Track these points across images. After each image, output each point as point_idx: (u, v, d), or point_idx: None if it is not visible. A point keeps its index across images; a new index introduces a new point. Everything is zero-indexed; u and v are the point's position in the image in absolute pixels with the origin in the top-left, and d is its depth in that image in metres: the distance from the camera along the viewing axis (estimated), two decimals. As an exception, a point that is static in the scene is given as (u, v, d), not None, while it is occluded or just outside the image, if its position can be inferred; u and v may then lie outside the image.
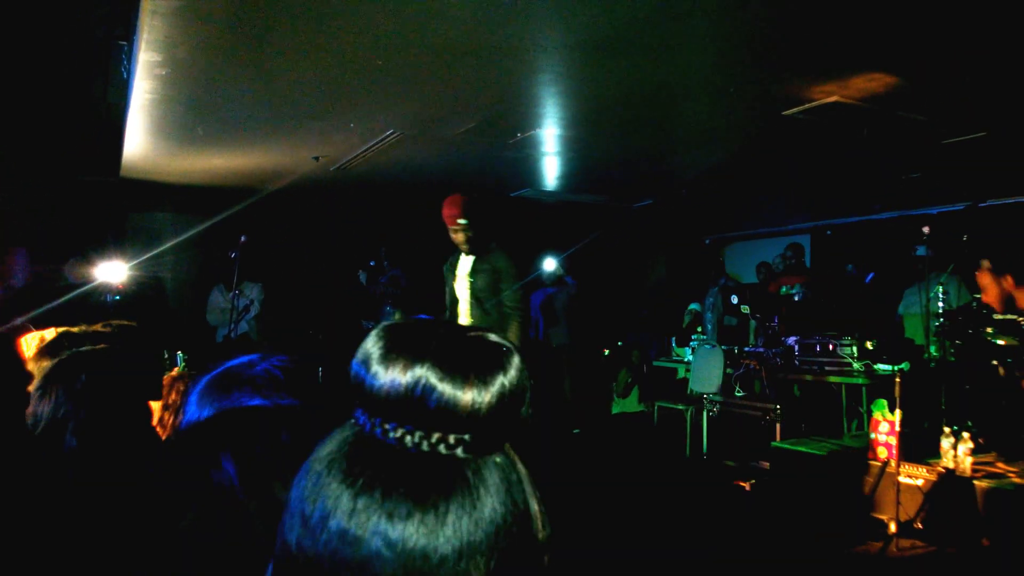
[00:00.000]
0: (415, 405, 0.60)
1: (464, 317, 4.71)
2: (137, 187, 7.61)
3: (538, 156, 6.46)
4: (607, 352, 9.03)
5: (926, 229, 6.05)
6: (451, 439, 0.61)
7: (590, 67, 4.38)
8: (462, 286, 4.75)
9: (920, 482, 4.60)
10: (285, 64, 4.19)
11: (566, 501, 4.50)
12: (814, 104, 5.05)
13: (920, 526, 4.44)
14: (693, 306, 9.46)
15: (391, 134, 5.60)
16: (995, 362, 5.46)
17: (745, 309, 7.79)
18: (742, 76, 4.58)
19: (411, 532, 0.57)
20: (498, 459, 0.63)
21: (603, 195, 8.42)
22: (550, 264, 8.36)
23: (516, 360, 0.64)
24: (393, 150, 6.10)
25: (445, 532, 0.58)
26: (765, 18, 3.72)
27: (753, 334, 7.89)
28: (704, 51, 4.16)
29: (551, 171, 7.17)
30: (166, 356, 4.43)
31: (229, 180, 7.47)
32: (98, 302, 5.92)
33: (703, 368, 7.30)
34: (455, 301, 4.82)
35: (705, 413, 6.86)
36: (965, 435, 4.69)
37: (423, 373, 0.60)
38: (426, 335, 0.63)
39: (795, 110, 5.18)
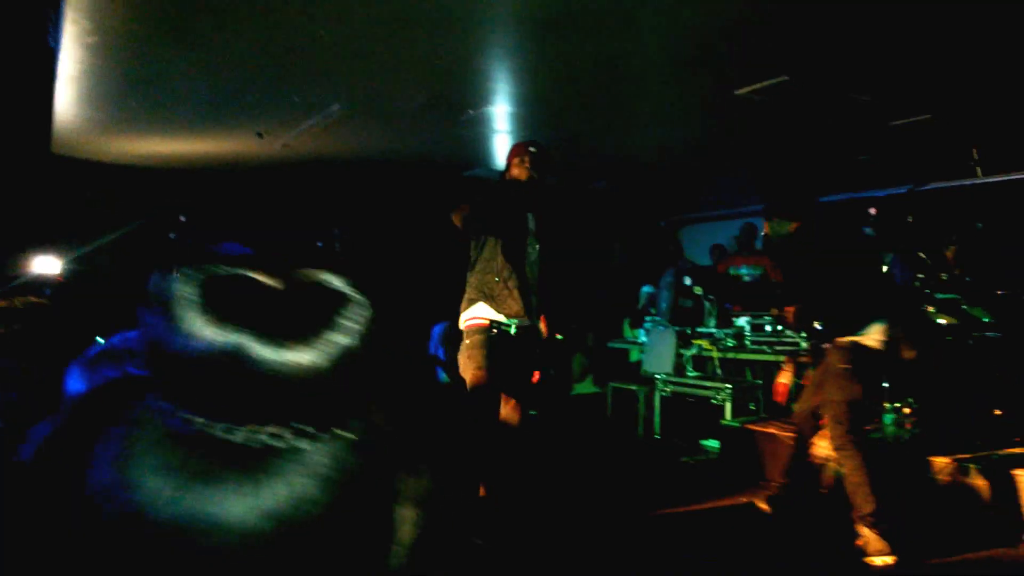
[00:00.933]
0: (223, 375, 0.50)
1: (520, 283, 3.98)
2: (72, 167, 7.38)
3: (490, 134, 6.41)
4: (560, 336, 9.03)
5: (872, 211, 6.16)
6: (270, 427, 0.51)
7: (542, 42, 4.35)
8: (523, 244, 4.02)
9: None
10: (225, 34, 4.08)
11: (519, 481, 4.49)
12: (765, 84, 5.08)
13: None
14: (646, 288, 9.50)
15: (336, 108, 5.50)
16: (935, 340, 5.58)
17: (698, 290, 7.85)
18: (695, 53, 4.58)
19: (215, 521, 0.50)
20: (342, 436, 0.54)
21: (557, 176, 8.39)
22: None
23: (363, 313, 0.53)
24: (340, 127, 5.99)
25: (251, 522, 0.50)
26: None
27: (706, 315, 7.95)
28: (656, 28, 4.15)
29: (504, 150, 7.12)
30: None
31: (170, 160, 7.29)
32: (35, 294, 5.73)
33: (656, 349, 7.35)
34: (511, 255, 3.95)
35: (658, 394, 6.91)
36: (905, 411, 4.79)
37: (235, 335, 0.49)
38: (244, 283, 0.53)
39: (747, 89, 5.21)
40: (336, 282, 0.55)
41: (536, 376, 4.08)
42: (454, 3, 3.70)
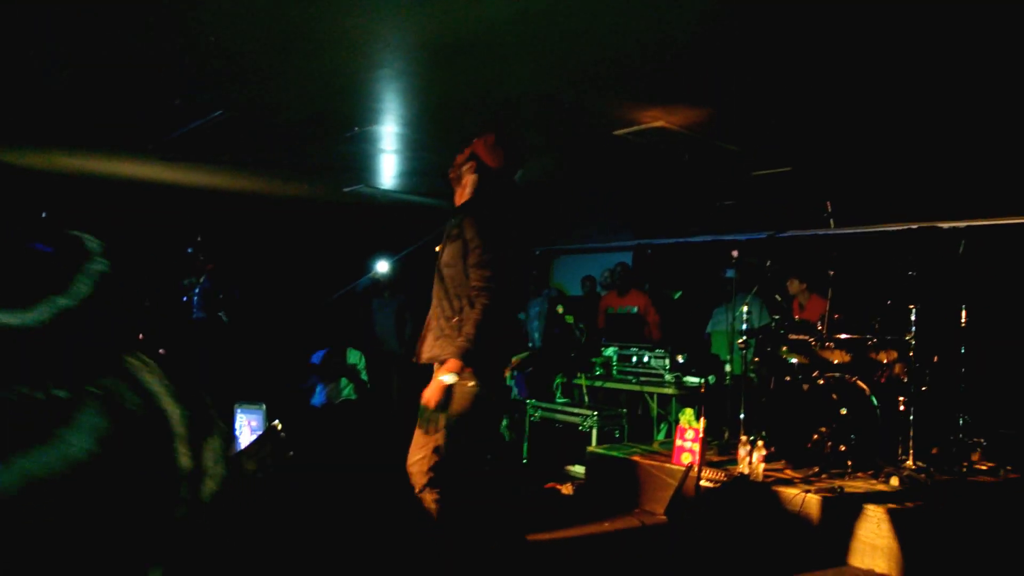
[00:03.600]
0: None
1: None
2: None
3: (375, 152, 6.33)
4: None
5: (735, 253, 6.49)
6: (23, 388, 0.50)
7: (432, 68, 4.34)
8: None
9: (718, 485, 4.88)
10: (112, 31, 3.83)
11: (376, 507, 4.39)
12: (643, 127, 5.29)
13: (717, 526, 4.69)
14: (519, 316, 9.62)
15: (218, 115, 5.27)
16: (788, 377, 5.94)
17: (569, 319, 8.01)
18: (580, 93, 4.71)
19: None
20: (100, 388, 0.53)
21: (438, 198, 8.39)
22: (383, 267, 8.18)
23: (93, 268, 0.53)
24: (221, 134, 5.75)
25: (13, 478, 0.49)
26: (602, 43, 3.85)
27: (576, 344, 8.11)
28: (544, 65, 4.24)
29: (387, 169, 7.05)
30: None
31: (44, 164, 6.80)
32: None
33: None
34: None
35: (527, 418, 6.96)
36: (759, 443, 5.04)
37: None
38: None
39: (625, 131, 5.39)
40: (91, 244, 0.55)
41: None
42: (348, 22, 3.64)
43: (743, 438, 5.22)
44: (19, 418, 0.49)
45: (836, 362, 5.87)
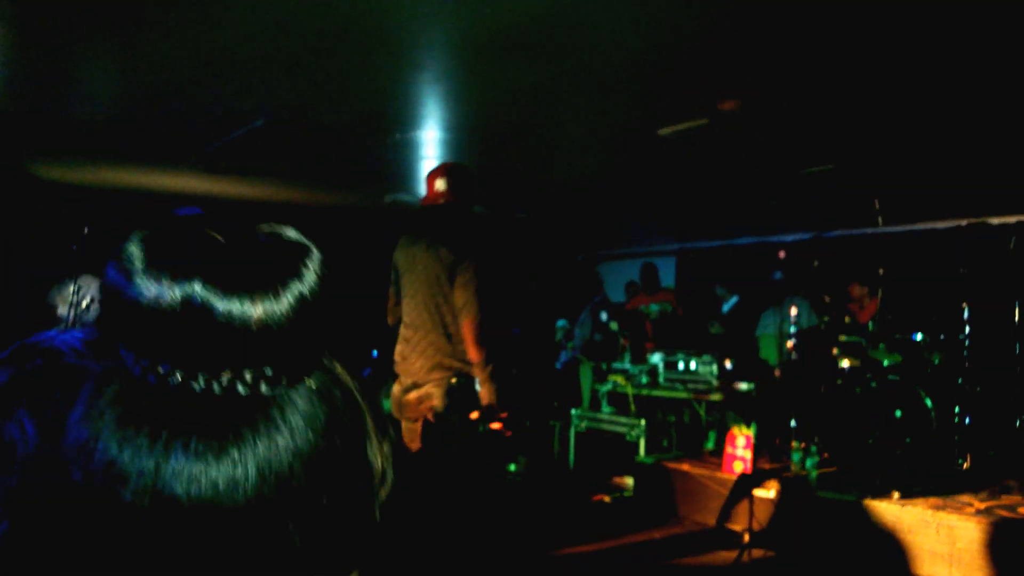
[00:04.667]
0: (192, 330, 0.48)
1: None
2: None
3: (417, 159, 6.37)
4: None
5: (782, 254, 6.41)
6: (247, 376, 0.49)
7: (474, 68, 4.36)
8: None
9: (772, 494, 4.81)
10: (152, 37, 3.91)
11: (424, 515, 4.40)
12: (687, 125, 5.25)
13: (771, 536, 4.62)
14: (561, 322, 9.59)
15: (258, 124, 5.35)
16: (840, 381, 5.83)
17: (614, 326, 7.97)
18: (623, 90, 4.68)
19: (207, 492, 0.48)
20: (314, 382, 0.53)
21: (481, 204, 8.42)
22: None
23: (315, 260, 0.53)
24: (262, 142, 5.85)
25: (249, 484, 0.49)
26: (649, 36, 3.83)
27: (621, 351, 8.07)
28: (588, 61, 4.22)
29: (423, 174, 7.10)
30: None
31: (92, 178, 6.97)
32: None
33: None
34: None
35: (573, 428, 6.93)
36: (812, 449, 4.96)
37: (196, 287, 0.48)
38: (200, 236, 0.52)
39: (670, 130, 5.36)
40: (290, 232, 0.54)
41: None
42: (388, 22, 3.66)
43: (795, 444, 5.15)
44: (240, 408, 0.50)
45: (888, 364, 5.76)
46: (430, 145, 5.94)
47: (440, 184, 3.59)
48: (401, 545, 4.02)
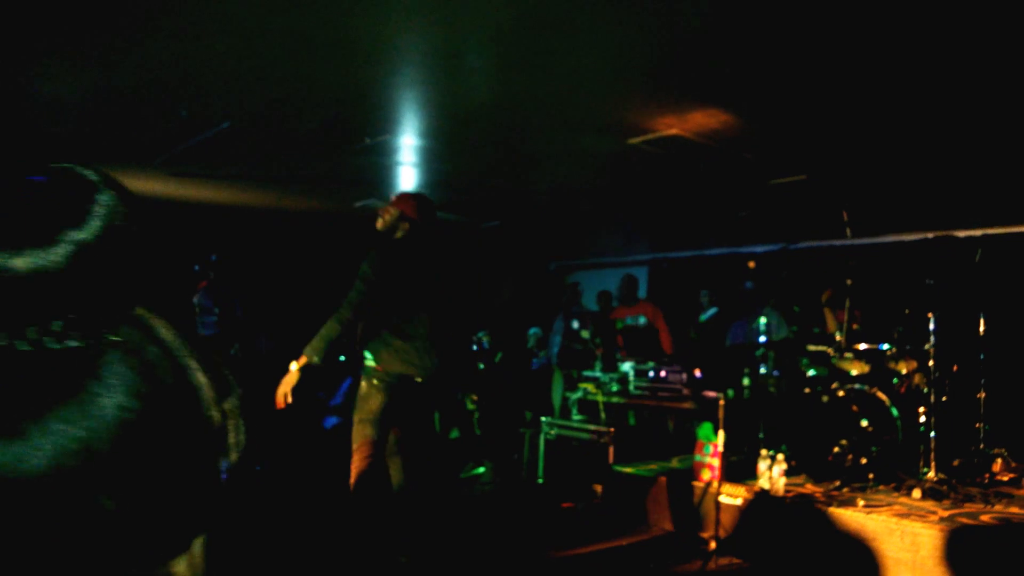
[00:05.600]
0: None
1: None
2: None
3: (390, 165, 6.34)
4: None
5: (751, 264, 6.46)
6: (30, 332, 0.44)
7: (447, 76, 4.35)
8: None
9: (739, 501, 4.82)
10: (119, 40, 3.86)
11: (393, 522, 4.35)
12: (657, 135, 5.27)
13: (737, 543, 4.63)
14: (533, 330, 9.59)
15: (225, 126, 5.30)
16: (807, 389, 5.87)
17: (585, 334, 7.98)
18: (593, 99, 4.70)
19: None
20: (119, 336, 0.47)
21: (453, 212, 8.40)
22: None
23: (104, 204, 0.48)
24: (229, 146, 5.78)
25: (44, 455, 0.43)
26: (621, 45, 3.84)
27: (593, 359, 8.07)
28: (559, 71, 4.23)
29: (403, 182, 7.06)
30: None
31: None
32: None
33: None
34: None
35: (543, 436, 6.91)
36: (780, 457, 4.98)
37: None
38: None
39: (640, 139, 5.38)
40: (87, 173, 0.49)
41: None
42: (361, 29, 3.65)
43: (763, 452, 5.16)
44: (41, 371, 0.45)
45: (855, 373, 5.80)
46: (401, 151, 5.92)
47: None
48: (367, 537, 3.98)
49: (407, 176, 6.80)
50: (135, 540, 0.46)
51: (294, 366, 3.91)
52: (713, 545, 4.51)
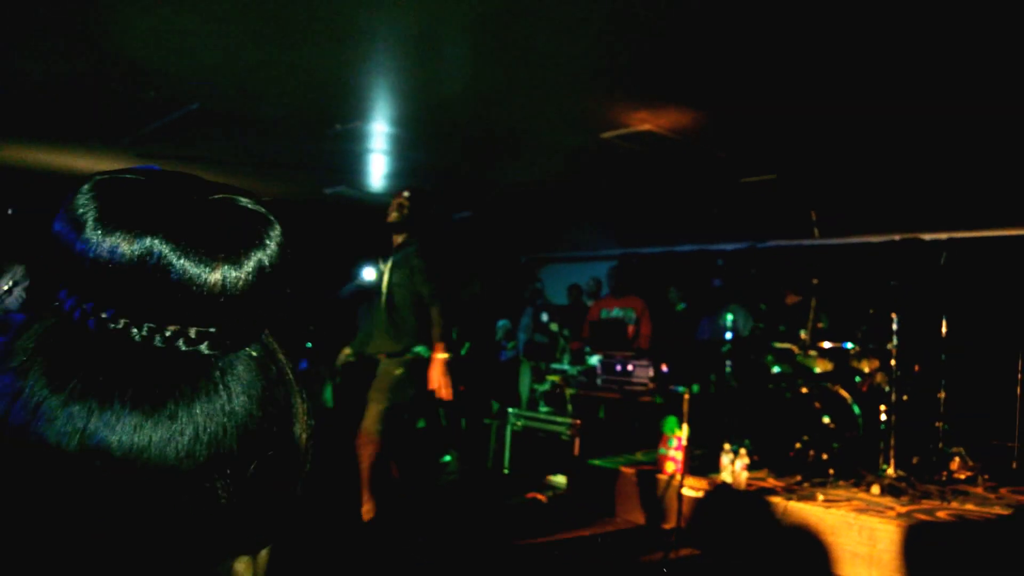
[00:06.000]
0: (144, 285, 0.46)
1: (375, 325, 4.45)
2: None
3: (360, 152, 6.28)
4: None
5: (720, 262, 6.51)
6: (192, 332, 0.48)
7: (421, 64, 4.31)
8: (382, 288, 4.47)
9: (701, 494, 4.86)
10: (87, 18, 3.76)
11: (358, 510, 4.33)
12: (630, 130, 5.28)
13: (699, 535, 4.67)
14: (502, 322, 9.59)
15: (194, 107, 5.20)
16: (771, 386, 5.93)
17: (554, 327, 7.99)
18: (567, 92, 4.69)
19: (139, 444, 0.45)
20: (254, 352, 0.52)
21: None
22: (370, 274, 8.07)
23: (277, 232, 0.52)
24: (197, 128, 5.69)
25: (183, 443, 0.47)
26: (596, 39, 3.83)
27: (560, 352, 8.09)
28: (534, 62, 4.21)
29: (374, 170, 7.00)
30: None
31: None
32: None
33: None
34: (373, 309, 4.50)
35: (509, 427, 6.91)
36: (742, 452, 5.02)
37: (156, 244, 0.46)
38: (161, 193, 0.49)
39: (613, 134, 5.38)
40: (245, 201, 0.52)
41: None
42: (333, 12, 3.60)
43: (726, 447, 5.20)
44: (185, 366, 0.48)
45: (819, 371, 5.88)
46: (372, 139, 5.87)
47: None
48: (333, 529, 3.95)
49: (378, 164, 6.74)
50: (231, 535, 0.50)
51: (441, 356, 4.25)
52: (675, 537, 4.53)
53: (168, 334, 0.47)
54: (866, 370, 5.75)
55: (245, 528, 0.50)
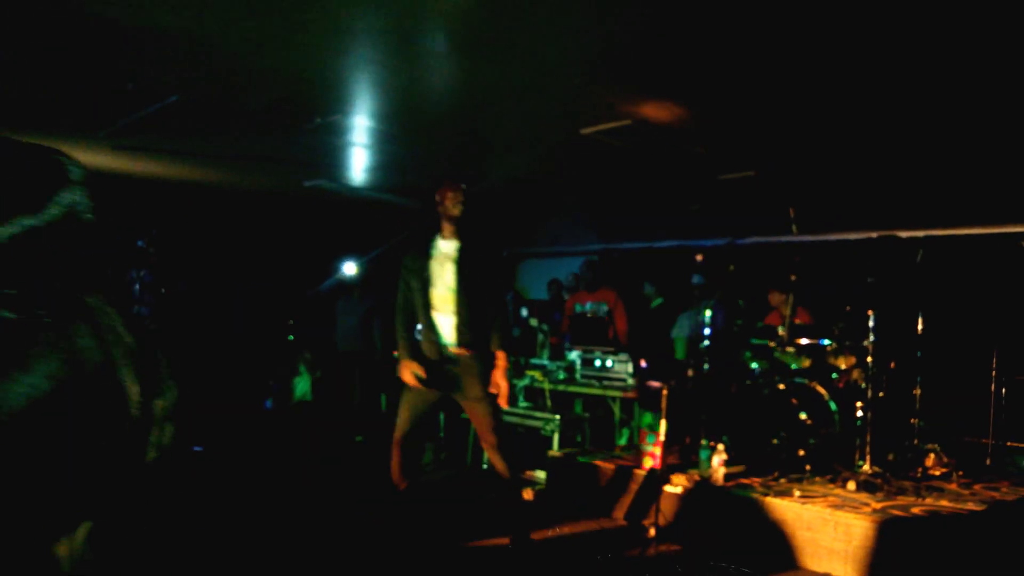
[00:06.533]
0: None
1: (446, 320, 4.13)
2: None
3: (341, 145, 6.23)
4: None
5: (699, 257, 6.52)
6: None
7: (401, 58, 4.27)
8: (446, 279, 4.11)
9: (679, 490, 4.87)
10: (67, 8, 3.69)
11: (341, 509, 4.30)
12: (611, 125, 5.27)
13: (677, 531, 4.68)
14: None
15: (173, 99, 5.13)
16: (749, 382, 5.96)
17: (533, 322, 7.97)
18: (548, 87, 4.67)
19: None
20: (48, 319, 0.49)
21: (404, 196, 8.30)
22: (350, 268, 8.03)
23: (66, 193, 0.50)
24: (176, 120, 5.61)
25: None
26: (578, 34, 3.82)
27: (539, 347, 8.08)
28: (515, 57, 4.19)
29: (355, 163, 6.95)
30: None
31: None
32: None
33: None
34: (424, 305, 4.14)
35: (487, 422, 6.88)
36: (720, 448, 5.04)
37: None
38: None
39: (593, 129, 5.37)
40: (60, 157, 0.52)
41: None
42: (314, 4, 3.55)
43: (704, 442, 5.22)
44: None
45: (796, 367, 5.91)
46: (353, 132, 5.82)
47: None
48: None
49: (358, 157, 6.69)
50: (20, 514, 0.46)
51: (503, 362, 4.16)
52: (653, 532, 4.54)
53: None
54: (843, 367, 5.79)
55: (45, 504, 0.48)
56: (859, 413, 5.35)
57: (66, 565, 0.49)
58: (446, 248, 4.15)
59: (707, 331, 6.40)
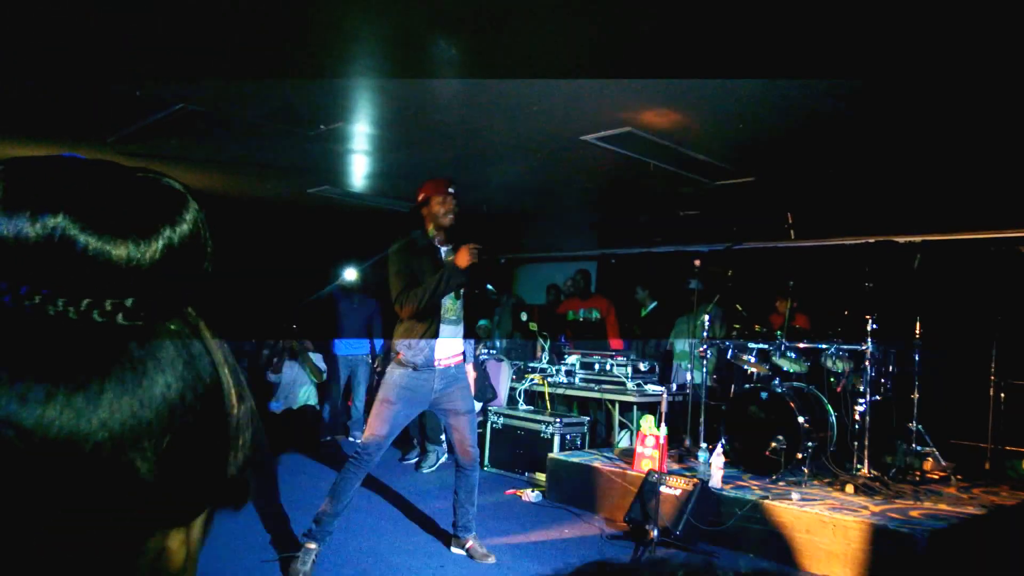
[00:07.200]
0: (53, 261, 0.47)
1: (445, 328, 4.18)
2: None
3: (343, 152, 6.27)
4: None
5: (697, 262, 6.57)
6: (107, 305, 0.48)
7: (402, 65, 4.31)
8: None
9: (678, 492, 4.90)
10: (74, 16, 3.72)
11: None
12: (609, 132, 5.31)
13: (677, 533, 4.71)
14: (482, 322, 9.60)
15: (179, 108, 5.18)
16: (747, 386, 6.00)
17: (533, 327, 8.02)
18: (547, 94, 4.71)
19: (51, 417, 0.45)
20: (173, 326, 0.52)
21: (405, 201, 8.33)
22: (351, 274, 8.06)
23: (191, 208, 0.53)
24: (183, 128, 5.65)
25: (99, 415, 0.46)
26: (578, 40, 3.86)
27: (539, 351, 8.12)
28: (516, 64, 4.23)
29: (356, 170, 6.99)
30: None
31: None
32: None
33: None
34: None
35: (489, 424, 6.93)
36: (719, 451, 5.08)
37: (59, 221, 0.47)
38: (67, 174, 0.51)
39: (592, 136, 5.41)
40: (171, 181, 0.54)
41: None
42: (318, 13, 3.59)
43: (703, 445, 5.27)
44: (98, 340, 0.48)
45: (794, 371, 5.95)
46: (354, 139, 5.86)
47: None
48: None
49: (360, 164, 6.74)
50: (154, 508, 0.49)
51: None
52: (652, 534, 4.58)
53: (83, 307, 0.47)
54: (841, 371, 5.83)
55: (168, 501, 0.50)
56: (857, 417, 5.40)
57: (180, 554, 0.53)
58: (448, 255, 4.23)
59: (705, 335, 6.44)
